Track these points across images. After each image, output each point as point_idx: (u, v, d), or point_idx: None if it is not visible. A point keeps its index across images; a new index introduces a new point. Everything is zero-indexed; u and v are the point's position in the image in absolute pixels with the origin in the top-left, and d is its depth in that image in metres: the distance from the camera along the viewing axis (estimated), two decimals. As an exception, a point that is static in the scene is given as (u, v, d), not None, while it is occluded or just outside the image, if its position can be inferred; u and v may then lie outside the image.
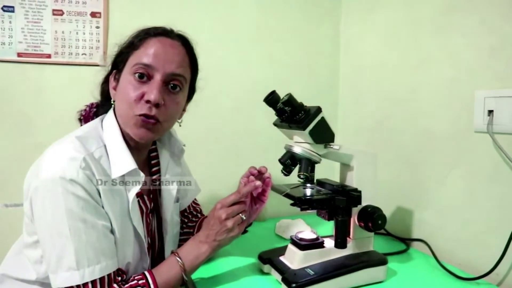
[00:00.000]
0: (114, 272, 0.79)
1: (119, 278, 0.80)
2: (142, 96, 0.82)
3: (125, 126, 0.85)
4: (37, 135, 1.30)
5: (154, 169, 1.00)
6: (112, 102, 0.89)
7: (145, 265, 0.91)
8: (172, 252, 0.87)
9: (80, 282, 0.74)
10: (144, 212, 0.93)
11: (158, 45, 0.84)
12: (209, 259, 0.91)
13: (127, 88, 0.83)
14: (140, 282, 0.79)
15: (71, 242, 0.73)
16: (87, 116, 0.95)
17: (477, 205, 1.05)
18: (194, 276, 0.93)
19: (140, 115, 0.82)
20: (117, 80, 0.88)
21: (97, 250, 0.76)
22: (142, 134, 0.84)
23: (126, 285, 0.79)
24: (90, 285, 0.75)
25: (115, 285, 0.78)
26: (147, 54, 0.83)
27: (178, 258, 0.85)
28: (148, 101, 0.81)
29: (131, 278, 0.81)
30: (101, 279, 0.76)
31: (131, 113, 0.82)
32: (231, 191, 0.92)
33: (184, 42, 0.90)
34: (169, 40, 0.87)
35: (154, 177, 0.99)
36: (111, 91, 0.90)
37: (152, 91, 0.81)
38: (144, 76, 0.83)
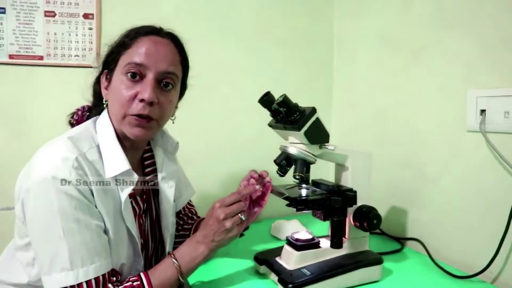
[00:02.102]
0: (108, 272, 0.78)
1: (114, 279, 0.79)
2: (135, 95, 0.82)
3: (119, 126, 0.85)
4: (30, 137, 1.29)
5: (148, 169, 1.00)
6: (104, 102, 0.89)
7: (139, 267, 0.90)
8: (169, 253, 0.86)
9: (74, 283, 0.73)
10: (137, 213, 0.92)
11: (149, 44, 0.84)
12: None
13: (119, 88, 0.83)
14: (135, 284, 0.79)
15: (65, 242, 0.73)
16: (80, 120, 0.94)
17: (471, 203, 1.06)
18: (189, 277, 0.93)
19: (134, 114, 0.82)
20: (109, 80, 0.88)
21: (91, 250, 0.75)
22: (137, 133, 0.84)
23: (121, 287, 0.78)
24: (84, 285, 0.74)
25: (109, 285, 0.77)
26: (138, 53, 0.83)
27: (174, 260, 0.84)
28: (142, 100, 0.82)
29: (126, 279, 0.80)
30: (96, 279, 0.75)
31: (125, 112, 0.83)
32: (226, 192, 0.91)
33: (174, 40, 0.91)
34: (160, 38, 0.87)
35: (148, 177, 0.99)
36: (103, 91, 0.90)
37: (146, 90, 0.81)
38: (137, 75, 0.83)
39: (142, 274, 0.81)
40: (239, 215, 0.87)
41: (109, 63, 0.88)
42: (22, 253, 0.84)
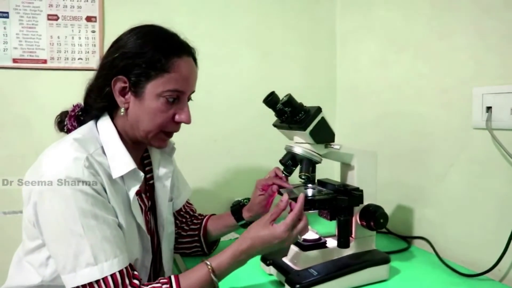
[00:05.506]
0: (129, 265, 0.79)
1: (136, 273, 0.80)
2: (172, 116, 0.87)
3: (143, 137, 0.88)
4: (34, 141, 1.29)
5: (147, 168, 1.02)
6: (122, 112, 0.86)
7: (147, 263, 0.92)
8: (202, 260, 0.84)
9: (100, 277, 0.74)
10: (143, 210, 0.94)
11: (188, 70, 0.88)
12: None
13: (156, 110, 0.85)
14: (164, 286, 0.78)
15: (86, 239, 0.74)
16: (71, 118, 0.93)
17: (478, 201, 1.05)
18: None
19: (168, 131, 0.89)
20: (134, 93, 0.85)
21: (112, 243, 0.77)
22: (163, 145, 0.93)
23: (149, 286, 0.78)
24: (109, 279, 0.74)
25: (135, 281, 0.77)
26: (180, 80, 0.86)
27: (207, 262, 0.82)
28: (180, 122, 0.89)
29: (156, 280, 0.80)
30: (120, 272, 0.76)
31: (160, 130, 0.88)
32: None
33: (194, 58, 0.93)
34: (191, 60, 0.90)
35: (148, 175, 1.01)
36: (118, 98, 0.86)
37: (185, 113, 0.88)
38: (175, 99, 0.87)
39: (172, 277, 0.80)
40: (298, 236, 0.86)
41: (131, 72, 0.84)
42: (33, 256, 0.85)
